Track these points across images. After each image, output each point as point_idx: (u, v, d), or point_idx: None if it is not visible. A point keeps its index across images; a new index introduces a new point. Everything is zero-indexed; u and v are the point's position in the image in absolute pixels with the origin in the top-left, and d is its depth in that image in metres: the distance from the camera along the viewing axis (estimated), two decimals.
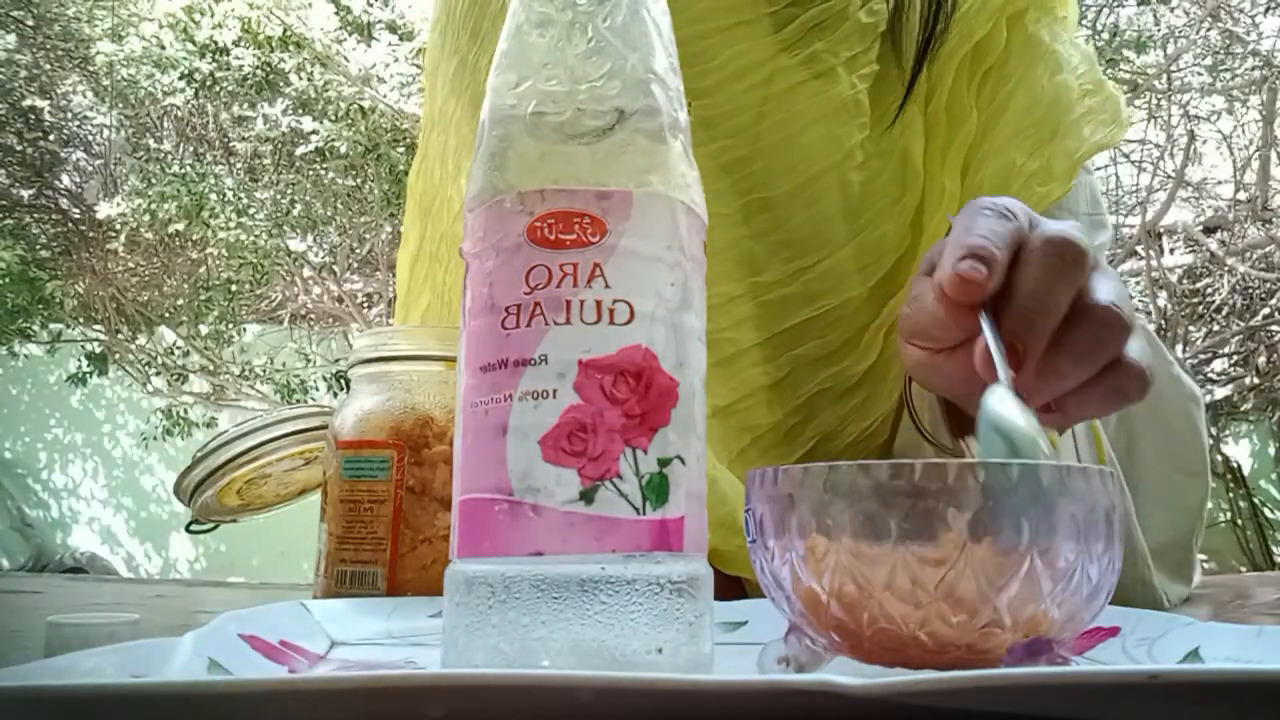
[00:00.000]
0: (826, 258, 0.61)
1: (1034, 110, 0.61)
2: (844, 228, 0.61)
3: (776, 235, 0.61)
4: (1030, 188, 0.60)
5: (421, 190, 0.74)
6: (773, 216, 0.61)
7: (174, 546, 4.30)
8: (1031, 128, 0.61)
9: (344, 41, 3.63)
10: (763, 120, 0.61)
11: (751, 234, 0.61)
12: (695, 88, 0.57)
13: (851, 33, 0.61)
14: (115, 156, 4.20)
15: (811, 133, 0.61)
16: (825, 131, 0.61)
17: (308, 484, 0.70)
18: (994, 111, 0.62)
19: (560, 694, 0.22)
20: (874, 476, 0.28)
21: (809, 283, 0.61)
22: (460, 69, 0.68)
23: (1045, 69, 0.63)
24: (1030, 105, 0.62)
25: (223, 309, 3.76)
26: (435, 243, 0.71)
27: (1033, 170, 0.60)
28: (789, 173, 0.61)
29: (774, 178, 0.61)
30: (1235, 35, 3.48)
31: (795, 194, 0.61)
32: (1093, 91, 0.63)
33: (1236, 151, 3.77)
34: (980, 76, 0.62)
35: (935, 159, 0.62)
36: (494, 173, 0.32)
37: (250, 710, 0.22)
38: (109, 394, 4.39)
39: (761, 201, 0.61)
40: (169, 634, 0.30)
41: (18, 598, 0.85)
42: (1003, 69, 0.63)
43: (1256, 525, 3.71)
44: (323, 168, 3.67)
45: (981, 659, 0.27)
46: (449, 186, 0.69)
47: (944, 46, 0.62)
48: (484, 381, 0.31)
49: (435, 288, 0.71)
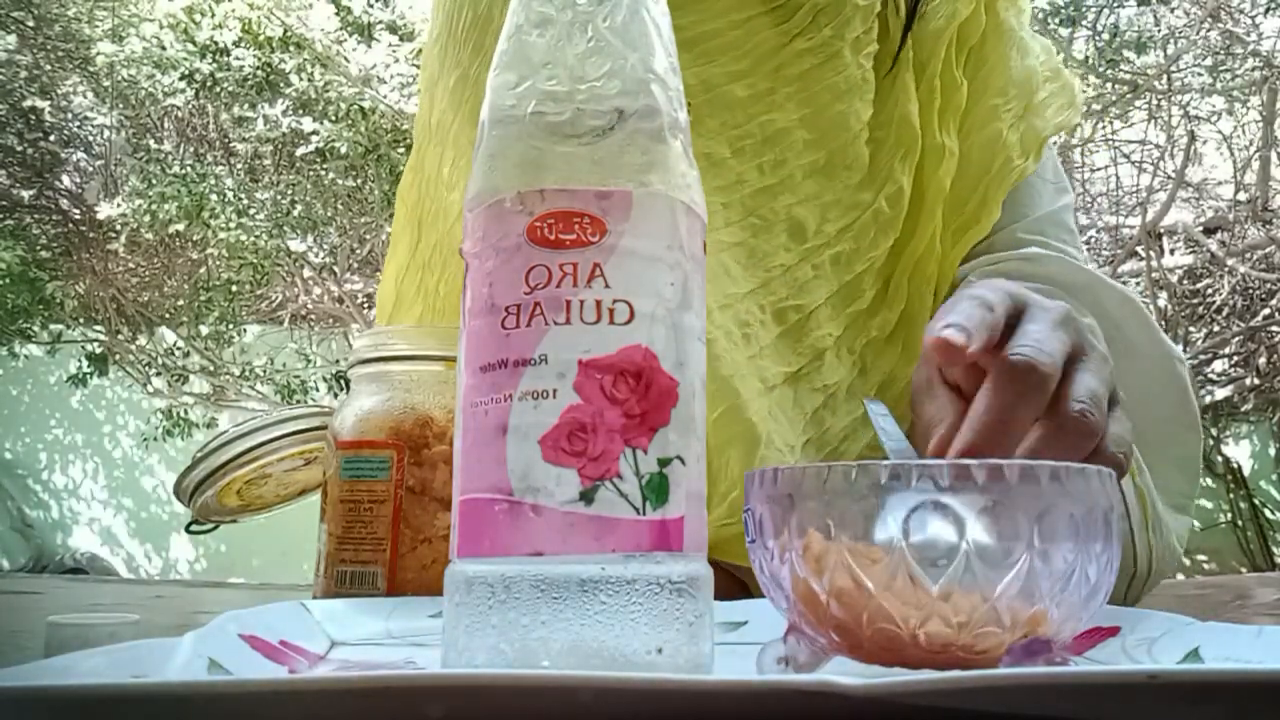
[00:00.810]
0: (861, 214, 0.67)
1: (1009, 89, 0.70)
2: (870, 189, 0.67)
3: (820, 199, 0.66)
4: (1012, 159, 0.68)
5: (415, 200, 0.74)
6: (815, 183, 0.67)
7: (174, 547, 4.30)
8: (1008, 104, 0.69)
9: (344, 42, 3.63)
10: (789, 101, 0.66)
11: (798, 200, 0.66)
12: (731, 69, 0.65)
13: (853, 15, 0.68)
14: (116, 157, 4.20)
15: (830, 110, 0.67)
16: (845, 107, 0.67)
17: (308, 484, 0.70)
18: (976, 88, 0.70)
19: (560, 694, 0.22)
20: (873, 476, 0.28)
21: (854, 239, 0.67)
22: (461, 81, 0.69)
23: (1016, 53, 0.71)
24: (1005, 85, 0.70)
25: (223, 309, 3.76)
26: (429, 251, 0.71)
27: (1013, 143, 0.68)
28: (819, 145, 0.67)
29: (808, 150, 0.67)
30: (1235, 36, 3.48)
31: (831, 160, 0.67)
32: (1052, 78, 0.72)
33: (1237, 152, 3.77)
34: (966, 54, 0.70)
35: (934, 123, 0.68)
36: (494, 172, 0.32)
37: (250, 710, 0.22)
38: (109, 395, 4.39)
39: (804, 168, 0.66)
40: (169, 634, 0.30)
41: (18, 598, 0.85)
42: (981, 50, 0.71)
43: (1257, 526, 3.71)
44: (323, 168, 3.67)
45: (980, 659, 0.27)
46: (445, 196, 0.69)
47: (932, 24, 0.69)
48: (484, 381, 0.31)
49: (428, 296, 0.71)
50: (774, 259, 0.64)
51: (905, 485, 0.28)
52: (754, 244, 0.64)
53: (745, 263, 0.63)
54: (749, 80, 0.66)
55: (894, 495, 0.28)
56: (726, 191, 0.64)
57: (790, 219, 0.65)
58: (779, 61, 0.66)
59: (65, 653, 0.30)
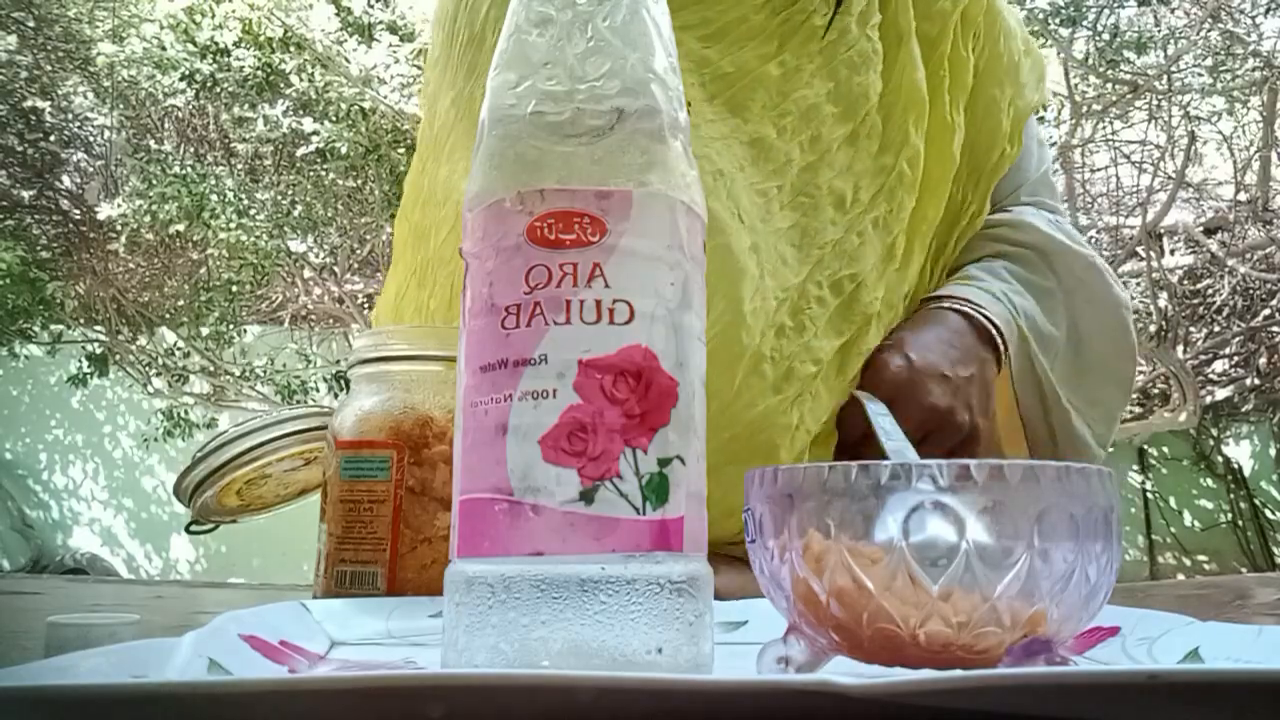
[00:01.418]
0: (887, 178, 0.71)
1: (1004, 80, 0.76)
2: (890, 154, 0.71)
3: (853, 169, 0.70)
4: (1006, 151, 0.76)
5: (417, 220, 0.74)
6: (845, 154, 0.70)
7: (174, 548, 4.30)
8: (1004, 94, 0.76)
9: (345, 43, 3.62)
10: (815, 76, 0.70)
11: (835, 173, 0.69)
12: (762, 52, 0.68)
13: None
14: (116, 157, 4.20)
15: (851, 82, 0.70)
16: (863, 79, 0.70)
17: (308, 484, 0.70)
18: (980, 73, 0.75)
19: (560, 694, 0.22)
20: (873, 476, 0.28)
21: (886, 201, 0.70)
22: (456, 101, 0.71)
23: (1003, 35, 0.77)
24: (1002, 76, 0.76)
25: (223, 310, 3.76)
26: (421, 268, 0.72)
27: (1006, 132, 0.75)
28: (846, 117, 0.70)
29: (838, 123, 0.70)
30: (1236, 36, 3.47)
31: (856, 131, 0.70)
32: (1027, 52, 0.78)
33: (1237, 152, 3.77)
34: (971, 34, 0.75)
35: (944, 99, 0.73)
36: (494, 172, 0.32)
37: (250, 710, 0.22)
38: (109, 395, 4.39)
39: (836, 141, 0.70)
40: (169, 635, 0.30)
41: (18, 599, 0.85)
42: (988, 31, 0.76)
43: (1257, 526, 3.71)
44: (323, 169, 3.67)
45: (980, 659, 0.27)
46: (437, 212, 0.70)
47: (938, 4, 0.74)
48: (484, 381, 0.31)
49: (421, 310, 0.71)
50: (824, 235, 0.67)
51: (905, 485, 0.28)
52: (805, 223, 0.67)
53: (800, 244, 0.66)
54: (780, 59, 0.69)
55: (894, 495, 0.28)
56: (779, 174, 0.67)
57: (833, 192, 0.68)
58: (802, 38, 0.70)
59: (65, 653, 0.30)
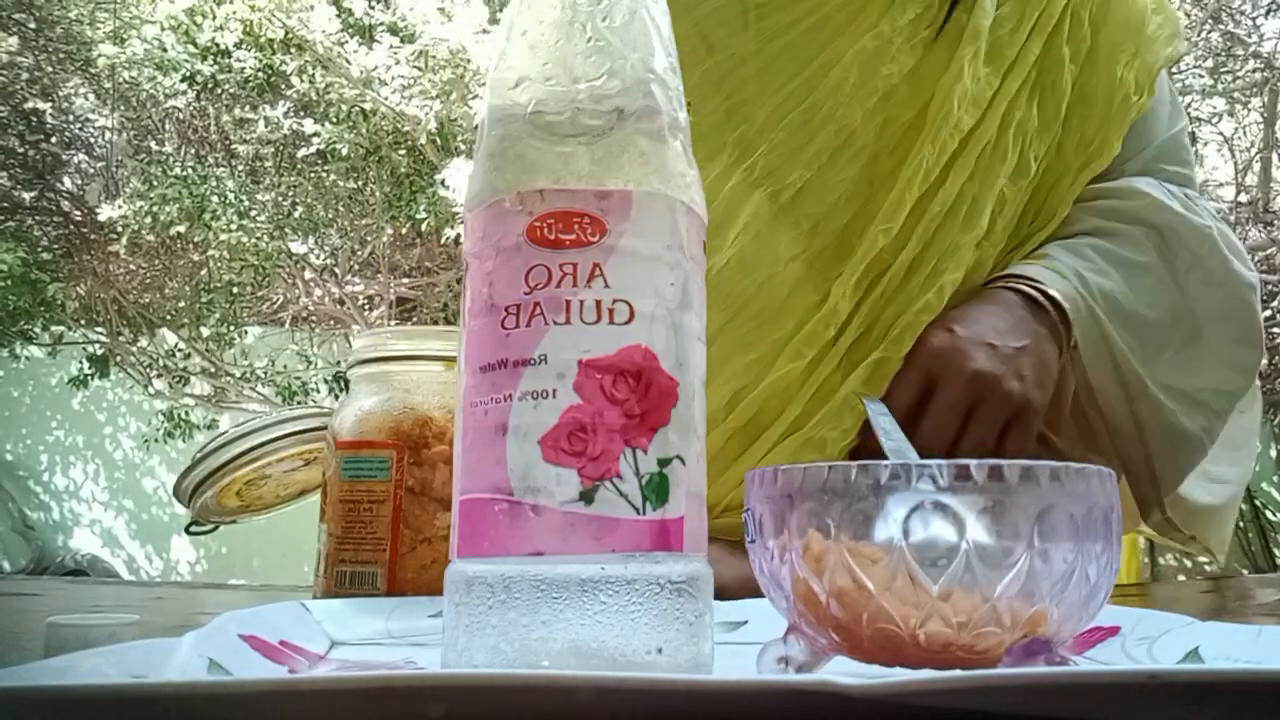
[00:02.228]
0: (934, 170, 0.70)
1: (1125, 26, 0.74)
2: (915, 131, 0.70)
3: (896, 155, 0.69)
4: (1129, 99, 0.73)
5: None
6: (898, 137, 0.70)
7: (175, 549, 4.29)
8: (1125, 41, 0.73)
9: (345, 44, 3.63)
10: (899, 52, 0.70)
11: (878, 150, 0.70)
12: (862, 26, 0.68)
13: None
14: (117, 159, 4.20)
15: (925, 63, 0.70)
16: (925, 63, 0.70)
17: (307, 485, 0.70)
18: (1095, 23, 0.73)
19: (560, 694, 0.22)
20: (873, 476, 0.28)
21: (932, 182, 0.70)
22: None
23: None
24: (1122, 21, 0.74)
25: (224, 311, 3.76)
26: None
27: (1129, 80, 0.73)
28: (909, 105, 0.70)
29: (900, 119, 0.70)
30: (1236, 37, 3.48)
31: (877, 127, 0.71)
32: (1157, 9, 0.76)
33: (1238, 154, 3.77)
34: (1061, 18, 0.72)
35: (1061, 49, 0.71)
36: (493, 172, 0.32)
37: (250, 710, 0.22)
38: (110, 396, 4.39)
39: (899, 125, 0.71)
40: (169, 635, 0.30)
41: (18, 600, 0.85)
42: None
43: (1258, 527, 3.71)
44: (324, 170, 3.68)
45: (980, 659, 0.27)
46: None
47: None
48: (484, 381, 0.31)
49: None
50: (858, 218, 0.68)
51: (905, 485, 0.28)
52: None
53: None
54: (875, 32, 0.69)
55: (894, 495, 0.28)
56: None
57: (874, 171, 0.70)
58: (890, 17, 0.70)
59: (65, 653, 0.30)
